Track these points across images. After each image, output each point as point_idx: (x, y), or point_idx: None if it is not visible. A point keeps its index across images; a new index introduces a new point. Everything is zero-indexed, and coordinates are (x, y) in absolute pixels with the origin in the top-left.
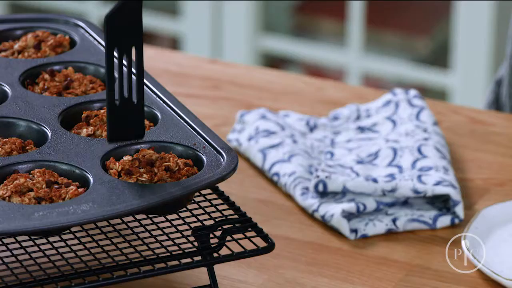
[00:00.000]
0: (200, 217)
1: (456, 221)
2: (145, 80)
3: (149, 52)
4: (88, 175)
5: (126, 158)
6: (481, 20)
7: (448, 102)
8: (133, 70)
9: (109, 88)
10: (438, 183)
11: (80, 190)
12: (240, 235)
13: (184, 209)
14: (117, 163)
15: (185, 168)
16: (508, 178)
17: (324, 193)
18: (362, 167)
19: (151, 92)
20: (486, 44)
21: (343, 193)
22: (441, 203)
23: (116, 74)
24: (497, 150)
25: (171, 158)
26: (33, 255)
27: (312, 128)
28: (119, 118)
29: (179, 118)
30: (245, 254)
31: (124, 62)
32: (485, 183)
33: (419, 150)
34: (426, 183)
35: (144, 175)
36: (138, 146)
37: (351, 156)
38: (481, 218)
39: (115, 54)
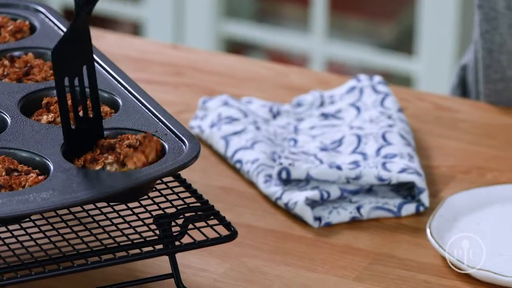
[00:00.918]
0: (162, 205)
1: (421, 209)
2: (105, 66)
3: (110, 38)
4: (48, 163)
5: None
6: (446, 6)
7: (413, 88)
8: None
9: (63, 115)
10: (402, 171)
11: (40, 177)
12: (202, 223)
13: (146, 197)
14: (80, 159)
15: (146, 140)
16: (473, 166)
17: (287, 181)
18: (326, 154)
19: (112, 78)
20: (452, 30)
21: (306, 181)
22: (406, 190)
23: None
24: (462, 137)
25: (128, 136)
26: None
27: (275, 115)
28: (76, 137)
29: (140, 104)
30: (207, 242)
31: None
32: (450, 171)
33: (383, 137)
34: (390, 170)
35: (110, 157)
36: None
37: (314, 143)
38: (447, 206)
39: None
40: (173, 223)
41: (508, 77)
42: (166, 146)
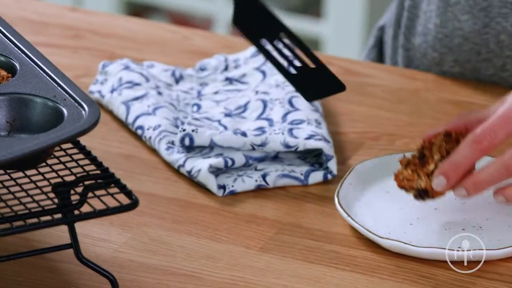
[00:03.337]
0: (61, 173)
1: (329, 176)
2: (2, 29)
3: None
4: None
5: None
6: None
7: (321, 52)
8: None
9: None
10: (310, 137)
11: None
12: (103, 192)
13: (44, 164)
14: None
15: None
16: (383, 132)
17: (190, 147)
18: (231, 120)
19: (8, 42)
20: None
21: (210, 148)
22: (313, 158)
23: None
24: (372, 102)
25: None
26: None
27: (178, 80)
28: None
29: (38, 69)
30: (108, 211)
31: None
32: (359, 137)
33: (290, 103)
34: (297, 136)
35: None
36: None
37: (219, 108)
38: (355, 174)
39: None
40: (72, 192)
41: (427, 31)
42: (65, 112)
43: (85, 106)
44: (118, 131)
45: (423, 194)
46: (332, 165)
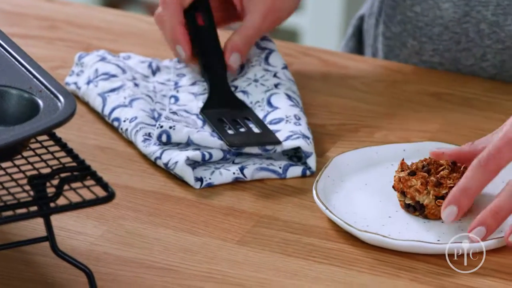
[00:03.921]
0: (36, 165)
1: (308, 173)
2: None
3: None
4: None
5: None
6: None
7: (300, 43)
8: None
9: None
10: (286, 139)
11: None
12: (79, 184)
13: (20, 156)
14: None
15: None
16: (361, 124)
17: (168, 143)
18: None
19: None
20: None
21: (187, 144)
22: (292, 150)
23: None
24: (350, 94)
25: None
26: None
27: (154, 71)
28: None
29: (14, 60)
30: (84, 204)
31: None
32: (337, 129)
33: (269, 103)
34: None
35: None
36: None
37: (197, 102)
38: (333, 166)
39: None
40: (48, 184)
41: (407, 19)
42: (41, 104)
43: (61, 97)
44: (94, 123)
45: (418, 208)
46: (311, 162)
